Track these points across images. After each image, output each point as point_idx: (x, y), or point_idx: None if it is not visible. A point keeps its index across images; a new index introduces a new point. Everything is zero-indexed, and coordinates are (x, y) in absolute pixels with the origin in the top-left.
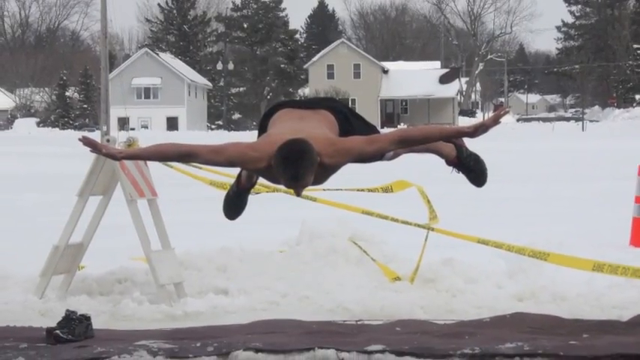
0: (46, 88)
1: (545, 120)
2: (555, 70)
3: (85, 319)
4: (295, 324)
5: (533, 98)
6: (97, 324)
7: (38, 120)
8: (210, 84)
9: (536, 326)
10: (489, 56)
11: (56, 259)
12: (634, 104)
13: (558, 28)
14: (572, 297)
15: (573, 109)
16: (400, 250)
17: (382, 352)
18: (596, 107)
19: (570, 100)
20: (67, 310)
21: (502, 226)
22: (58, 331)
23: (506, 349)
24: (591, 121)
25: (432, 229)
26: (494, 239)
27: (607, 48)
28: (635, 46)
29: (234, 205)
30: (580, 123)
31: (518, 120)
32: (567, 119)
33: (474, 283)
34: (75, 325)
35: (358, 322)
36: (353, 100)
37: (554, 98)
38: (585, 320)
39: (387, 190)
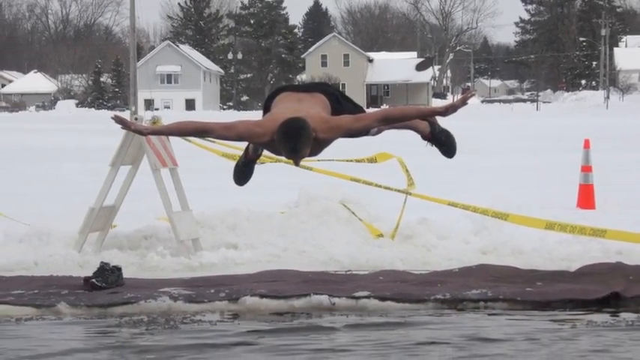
0: (84, 75)
1: (505, 102)
2: (514, 59)
3: (117, 269)
4: (294, 274)
5: (495, 83)
6: (126, 274)
7: (77, 101)
8: (222, 71)
9: (497, 275)
10: (458, 47)
11: (92, 219)
12: (580, 88)
13: (516, 24)
14: (528, 251)
15: (529, 93)
16: (383, 211)
17: (367, 297)
18: (549, 91)
19: (526, 84)
20: (102, 262)
21: (469, 191)
22: (93, 280)
23: (472, 294)
24: (544, 102)
25: (410, 194)
26: (463, 202)
27: (557, 40)
28: (581, 39)
29: (242, 174)
30: (535, 104)
31: (482, 102)
32: (524, 101)
33: (445, 239)
34: (108, 275)
35: (347, 272)
36: (343, 85)
37: (512, 83)
38: (539, 270)
39: (372, 160)
